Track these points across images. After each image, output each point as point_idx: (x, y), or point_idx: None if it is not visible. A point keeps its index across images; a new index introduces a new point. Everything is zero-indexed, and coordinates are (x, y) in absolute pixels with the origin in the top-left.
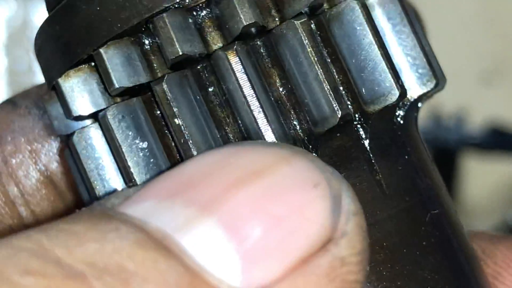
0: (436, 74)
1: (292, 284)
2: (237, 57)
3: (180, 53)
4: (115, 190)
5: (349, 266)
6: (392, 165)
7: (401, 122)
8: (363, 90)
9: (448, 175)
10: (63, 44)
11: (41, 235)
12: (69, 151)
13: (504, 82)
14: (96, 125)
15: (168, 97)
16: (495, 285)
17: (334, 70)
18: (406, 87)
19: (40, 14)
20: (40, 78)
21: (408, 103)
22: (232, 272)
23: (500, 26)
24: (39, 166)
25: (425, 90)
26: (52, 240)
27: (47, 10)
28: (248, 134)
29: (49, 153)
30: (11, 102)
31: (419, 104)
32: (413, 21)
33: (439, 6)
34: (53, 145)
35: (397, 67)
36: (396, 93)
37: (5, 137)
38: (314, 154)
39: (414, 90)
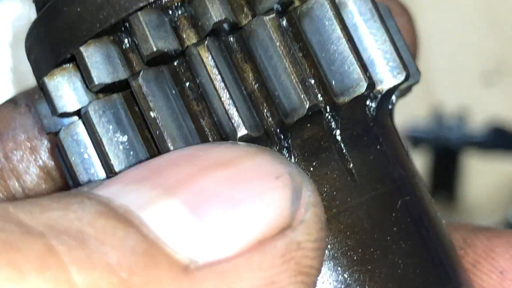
0: (406, 67)
1: (247, 261)
2: (208, 52)
3: (154, 50)
4: None
5: (304, 251)
6: (364, 155)
7: (374, 113)
8: (333, 82)
9: (449, 174)
10: (48, 44)
11: (8, 204)
12: (57, 147)
13: (506, 81)
14: (82, 121)
15: (144, 91)
16: (473, 273)
17: (305, 64)
18: (378, 79)
19: None
20: None
21: (380, 95)
22: (189, 245)
23: (502, 26)
24: (38, 162)
25: (395, 82)
26: (17, 207)
27: (36, 11)
28: (221, 126)
29: (48, 149)
30: (12, 101)
31: (393, 97)
32: (386, 17)
33: (441, 7)
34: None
35: (369, 60)
36: (364, 84)
37: (6, 135)
38: (285, 143)
39: (386, 82)
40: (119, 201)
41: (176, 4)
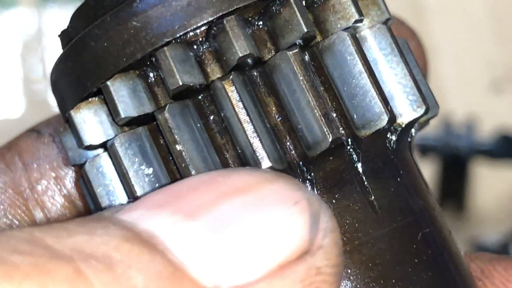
0: (426, 101)
1: (268, 286)
2: (233, 86)
3: (180, 84)
4: None
5: (323, 275)
6: (385, 187)
7: (394, 146)
8: (355, 116)
9: (458, 183)
10: (75, 78)
11: (33, 228)
12: (82, 179)
13: None
14: (107, 154)
15: (170, 125)
16: None
17: (327, 97)
18: (398, 113)
19: (54, 23)
20: None
21: (400, 128)
22: (212, 270)
23: (511, 34)
24: (63, 192)
25: (415, 116)
26: (43, 231)
27: (62, 46)
28: (245, 159)
29: (72, 179)
30: (35, 131)
31: (412, 130)
32: (405, 51)
33: (450, 15)
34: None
35: (389, 94)
36: (385, 118)
37: (31, 165)
38: (308, 176)
39: (406, 115)
40: (143, 226)
41: (201, 39)
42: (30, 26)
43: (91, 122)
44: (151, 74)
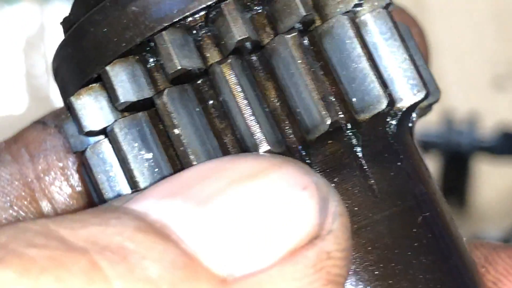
0: (427, 85)
1: (280, 272)
2: (232, 70)
3: (179, 68)
4: None
5: (334, 260)
6: (385, 171)
7: (394, 130)
8: (354, 100)
9: (460, 179)
10: (75, 64)
11: (47, 220)
12: (83, 166)
13: None
14: (108, 140)
15: (168, 109)
16: None
17: (327, 82)
18: (398, 97)
19: (56, 19)
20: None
21: (400, 113)
22: (225, 259)
23: None
24: (70, 181)
25: (415, 100)
26: (57, 223)
27: (63, 33)
28: (244, 142)
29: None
30: (41, 122)
31: (413, 115)
32: (406, 36)
33: (452, 12)
34: None
35: (389, 78)
36: (384, 102)
37: (38, 156)
38: (307, 160)
39: (406, 100)
40: (155, 215)
41: (200, 23)
42: (33, 21)
43: (92, 108)
44: (151, 59)
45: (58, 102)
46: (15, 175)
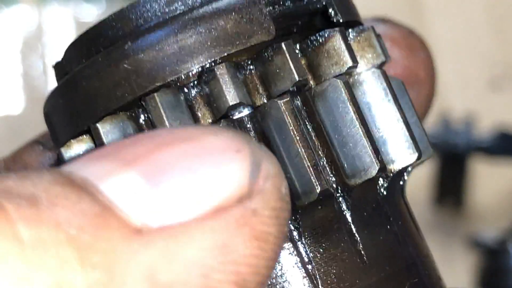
0: (418, 147)
1: (199, 225)
2: None
3: None
4: None
5: (261, 217)
6: (373, 235)
7: (385, 192)
8: (345, 164)
9: (457, 179)
10: (66, 115)
11: None
12: None
13: None
14: None
15: None
16: None
17: (318, 144)
18: (390, 159)
19: (54, 20)
20: (53, 83)
21: (391, 174)
22: (143, 211)
23: (510, 32)
24: None
25: (407, 163)
26: None
27: (56, 79)
28: None
29: None
30: (40, 143)
31: (405, 175)
32: (400, 93)
33: (449, 13)
34: None
35: (381, 139)
36: (375, 168)
37: None
38: (296, 224)
39: (398, 162)
40: (78, 173)
41: (192, 83)
42: (30, 23)
43: None
44: (142, 116)
45: None
46: None
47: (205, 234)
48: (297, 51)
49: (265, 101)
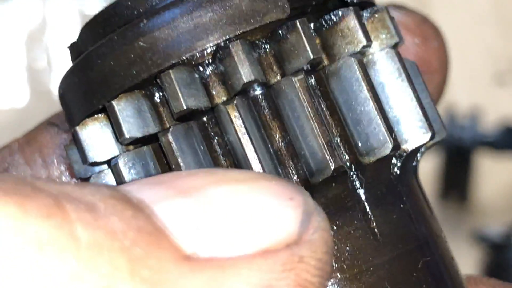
0: (432, 126)
1: (248, 261)
2: (237, 111)
3: (184, 108)
4: None
5: (306, 265)
6: (387, 214)
7: (398, 172)
8: (359, 142)
9: (462, 174)
10: (81, 94)
11: (25, 176)
12: None
13: None
14: (111, 171)
15: (173, 147)
16: None
17: (332, 123)
18: (403, 139)
19: (58, 13)
20: (57, 75)
21: (405, 154)
22: (195, 240)
23: None
24: None
25: (421, 142)
26: (34, 178)
27: (71, 59)
28: None
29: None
30: (55, 125)
31: (418, 155)
32: (414, 74)
33: (453, 7)
34: None
35: (395, 119)
36: (389, 146)
37: (51, 162)
38: None
39: (411, 142)
40: (134, 194)
41: (207, 61)
42: (35, 15)
43: (96, 139)
44: (157, 94)
45: None
46: None
47: (252, 272)
48: (311, 31)
49: (280, 79)
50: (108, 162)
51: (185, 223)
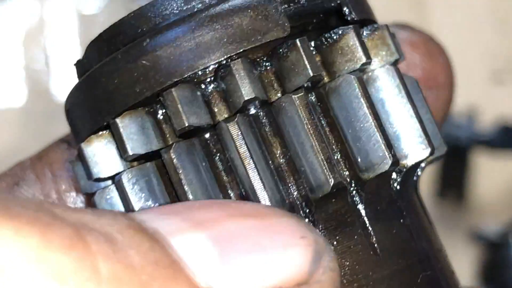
0: (432, 143)
1: None
2: (238, 129)
3: (186, 125)
4: None
5: None
6: (387, 229)
7: (398, 187)
8: (359, 158)
9: (459, 173)
10: (86, 111)
11: (44, 201)
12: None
13: None
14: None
15: (175, 165)
16: None
17: (332, 139)
18: (403, 154)
19: (56, 13)
20: (55, 75)
21: (405, 169)
22: (209, 276)
23: None
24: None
25: (420, 158)
26: (52, 204)
27: (77, 76)
28: (248, 199)
29: None
30: (65, 142)
31: (419, 170)
32: (414, 91)
33: (450, 6)
34: None
35: (395, 135)
36: (388, 162)
37: (60, 176)
38: (310, 217)
39: (411, 157)
40: (150, 224)
41: (209, 79)
42: (33, 15)
43: (101, 155)
44: (160, 111)
45: (57, 95)
46: (37, 195)
47: None
48: (311, 48)
49: (280, 96)
50: (112, 178)
51: (200, 257)
